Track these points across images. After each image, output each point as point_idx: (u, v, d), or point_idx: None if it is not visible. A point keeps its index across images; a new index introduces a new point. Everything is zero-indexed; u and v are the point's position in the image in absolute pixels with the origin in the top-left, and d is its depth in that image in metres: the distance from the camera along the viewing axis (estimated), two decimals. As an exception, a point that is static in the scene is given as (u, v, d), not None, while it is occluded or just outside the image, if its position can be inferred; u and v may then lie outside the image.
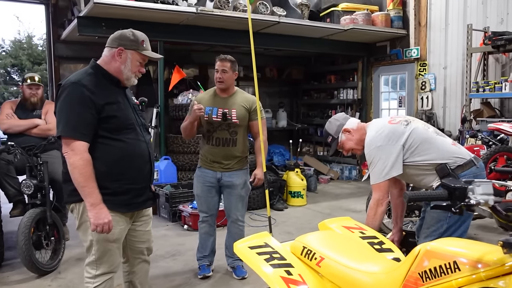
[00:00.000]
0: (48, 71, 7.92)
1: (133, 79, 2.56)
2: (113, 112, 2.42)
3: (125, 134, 2.47)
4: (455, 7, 7.19)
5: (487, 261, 1.51)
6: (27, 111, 4.62)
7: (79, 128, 2.32)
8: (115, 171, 2.44)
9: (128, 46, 2.48)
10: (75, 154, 2.30)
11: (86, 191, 2.32)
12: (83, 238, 2.52)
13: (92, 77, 2.44)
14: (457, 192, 1.41)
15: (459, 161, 2.52)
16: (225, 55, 3.71)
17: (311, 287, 1.98)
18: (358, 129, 2.78)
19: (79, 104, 2.33)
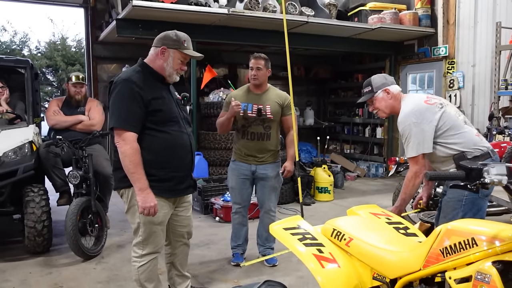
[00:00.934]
0: (86, 71, 8.31)
1: (175, 76, 2.79)
2: (159, 106, 2.67)
3: (170, 126, 2.71)
4: (484, 5, 7.21)
5: (503, 237, 1.67)
6: (72, 107, 4.94)
7: (129, 120, 2.58)
8: (161, 160, 2.69)
9: (170, 45, 2.72)
10: (125, 143, 2.56)
11: (135, 177, 2.57)
12: (131, 220, 2.78)
13: (140, 74, 2.70)
14: (473, 172, 1.58)
15: (476, 152, 2.65)
16: (258, 53, 3.93)
17: (341, 264, 2.17)
18: (396, 97, 2.88)
19: (129, 99, 2.59)
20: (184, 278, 3.18)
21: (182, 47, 2.74)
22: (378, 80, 2.94)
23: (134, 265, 2.82)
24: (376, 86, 2.92)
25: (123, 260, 4.26)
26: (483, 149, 2.68)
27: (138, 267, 2.79)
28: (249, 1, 6.56)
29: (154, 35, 6.84)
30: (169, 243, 3.06)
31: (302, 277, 3.73)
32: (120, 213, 6.05)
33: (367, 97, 2.96)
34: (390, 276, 2.07)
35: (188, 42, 2.78)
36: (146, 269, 2.79)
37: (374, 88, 2.92)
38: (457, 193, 2.62)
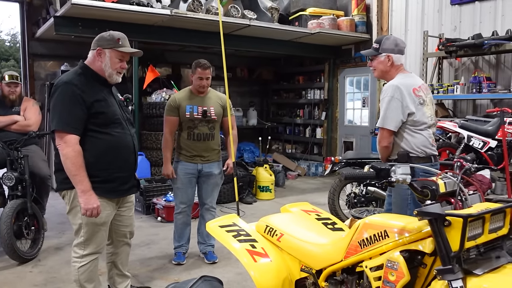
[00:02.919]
0: (22, 68, 7.99)
1: (115, 76, 2.81)
2: (101, 108, 2.70)
3: (112, 128, 2.75)
4: (414, 14, 7.72)
5: (409, 229, 1.90)
6: (6, 107, 4.77)
7: (71, 123, 2.59)
8: (103, 161, 2.73)
9: (105, 45, 2.75)
10: (67, 146, 2.58)
11: (77, 179, 2.60)
12: (73, 221, 2.79)
13: (82, 77, 2.72)
14: (382, 173, 1.79)
15: (421, 154, 2.92)
16: (203, 60, 4.01)
17: (272, 258, 2.34)
18: (396, 67, 3.02)
19: (71, 102, 2.61)
20: (124, 277, 3.22)
21: (117, 45, 2.76)
22: (388, 43, 3.02)
23: (74, 266, 2.82)
24: (383, 48, 3.01)
25: (61, 262, 4.21)
26: (428, 152, 2.94)
27: (79, 267, 2.80)
28: (192, 2, 6.63)
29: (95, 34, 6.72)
30: (111, 242, 3.09)
31: (241, 274, 3.88)
32: (58, 215, 5.92)
33: (369, 53, 3.09)
34: (316, 267, 2.26)
35: (123, 40, 2.80)
36: (86, 269, 2.81)
37: (380, 49, 3.02)
38: (401, 193, 2.87)
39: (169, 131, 4.03)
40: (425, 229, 1.85)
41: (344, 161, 5.25)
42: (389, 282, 1.86)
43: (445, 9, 7.22)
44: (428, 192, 1.82)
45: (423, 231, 1.85)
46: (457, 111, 7.15)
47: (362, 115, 8.85)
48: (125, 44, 2.81)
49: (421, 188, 1.81)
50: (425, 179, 1.86)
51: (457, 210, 1.85)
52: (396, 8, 8.02)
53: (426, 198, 1.81)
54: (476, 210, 1.76)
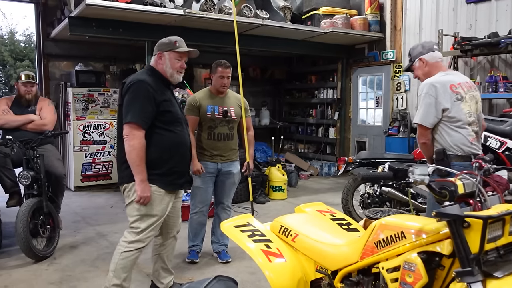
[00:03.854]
0: (37, 69, 8.10)
1: (176, 75, 3.03)
2: (168, 107, 2.94)
3: (175, 126, 2.98)
4: (428, 13, 7.64)
5: (427, 230, 1.87)
6: (22, 107, 4.84)
7: (141, 117, 2.80)
8: (166, 156, 2.93)
9: (164, 49, 3.02)
10: (135, 138, 2.77)
11: (139, 170, 2.79)
12: (131, 213, 2.94)
13: (152, 77, 2.95)
14: (399, 173, 1.77)
15: (459, 152, 2.92)
16: (223, 60, 4.10)
17: (287, 258, 2.33)
18: (432, 65, 3.08)
19: (144, 98, 2.82)
20: (168, 272, 3.36)
21: (175, 47, 3.01)
22: (415, 49, 3.15)
23: (119, 249, 2.95)
24: (414, 56, 3.13)
25: (76, 260, 4.25)
26: (467, 150, 2.94)
27: (122, 252, 2.92)
28: (205, 2, 6.64)
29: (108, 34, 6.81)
30: (160, 233, 3.22)
31: (255, 273, 3.87)
32: (73, 214, 5.99)
33: (408, 66, 3.20)
34: (331, 268, 2.24)
35: (180, 42, 3.05)
36: (128, 256, 2.93)
37: (412, 58, 3.14)
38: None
39: (190, 130, 4.05)
40: (443, 230, 1.82)
41: (357, 161, 5.21)
42: (407, 284, 1.84)
43: (460, 7, 7.13)
44: (447, 193, 1.79)
45: (441, 233, 1.83)
46: (473, 110, 7.06)
47: (376, 114, 8.79)
48: (181, 46, 3.05)
49: (439, 189, 1.78)
50: (443, 179, 1.83)
51: (476, 211, 1.82)
52: (410, 6, 7.94)
53: (444, 199, 1.78)
54: (496, 212, 1.73)
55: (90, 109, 7.62)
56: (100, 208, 6.39)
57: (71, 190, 7.56)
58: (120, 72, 8.66)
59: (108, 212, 6.19)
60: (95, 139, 7.67)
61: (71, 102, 7.52)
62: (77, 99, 7.52)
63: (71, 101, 7.54)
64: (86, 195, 7.29)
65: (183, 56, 3.05)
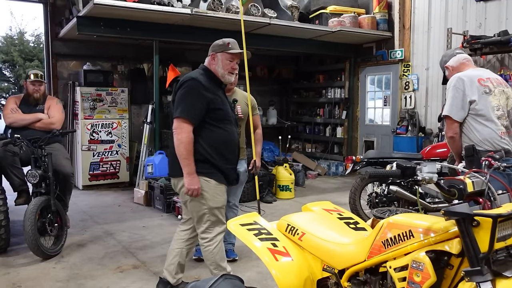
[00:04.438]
0: (45, 68, 8.14)
1: (227, 76, 3.12)
2: (219, 105, 3.03)
3: (225, 124, 3.07)
4: (437, 12, 7.58)
5: (435, 229, 1.85)
6: (31, 106, 4.87)
7: (190, 113, 2.91)
8: (217, 152, 3.03)
9: (217, 50, 3.10)
10: (183, 132, 2.88)
11: (186, 162, 2.90)
12: (194, 209, 3.06)
13: (204, 76, 3.06)
14: (407, 171, 1.75)
15: (489, 148, 2.91)
16: None
17: (294, 257, 2.32)
18: (458, 68, 3.18)
19: (194, 95, 2.94)
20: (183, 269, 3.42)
21: (227, 48, 3.08)
22: (441, 61, 3.31)
23: (208, 249, 3.09)
24: (442, 67, 3.29)
25: (84, 258, 4.27)
26: (497, 146, 2.93)
27: (213, 250, 3.08)
28: (212, 1, 6.64)
29: (116, 34, 6.81)
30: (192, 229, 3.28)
31: (261, 272, 3.86)
32: (81, 212, 6.02)
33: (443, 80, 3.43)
34: (338, 267, 2.22)
35: (233, 44, 3.12)
36: (219, 249, 3.11)
37: (442, 69, 3.29)
38: None
39: None
40: (452, 229, 1.79)
41: (365, 161, 5.18)
42: (414, 283, 1.82)
43: (469, 5, 7.06)
44: (455, 192, 1.77)
45: (450, 231, 1.80)
46: (482, 110, 6.99)
47: (383, 114, 8.74)
48: (234, 47, 3.11)
49: (448, 187, 1.76)
50: (452, 178, 1.81)
51: (486, 210, 1.79)
52: (418, 5, 7.89)
53: (453, 197, 1.76)
54: (506, 210, 1.70)
55: (98, 108, 7.66)
56: (107, 207, 6.42)
57: (79, 189, 7.59)
58: (127, 71, 8.70)
59: (116, 211, 6.21)
60: (103, 138, 7.71)
61: (79, 101, 7.56)
62: (85, 98, 7.56)
63: (79, 100, 7.58)
64: (93, 194, 7.33)
65: (234, 58, 3.13)
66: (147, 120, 7.20)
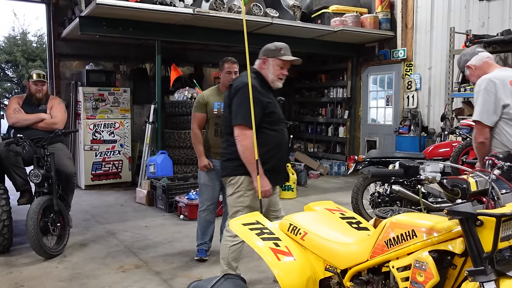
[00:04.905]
0: (48, 68, 8.16)
1: (277, 82, 3.12)
2: (273, 108, 3.06)
3: (278, 126, 3.11)
4: (440, 11, 7.56)
5: (438, 228, 1.84)
6: (33, 106, 4.86)
7: (250, 119, 2.92)
8: (270, 154, 3.05)
9: (269, 55, 3.08)
10: (246, 138, 2.93)
11: (254, 167, 2.94)
12: (232, 203, 3.10)
13: (257, 80, 3.06)
14: (410, 170, 1.74)
15: None
16: (228, 57, 4.09)
17: (296, 257, 2.30)
18: (481, 67, 3.00)
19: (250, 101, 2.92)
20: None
21: (279, 54, 3.05)
22: (460, 60, 3.11)
23: (226, 244, 3.12)
24: (461, 66, 3.11)
25: (86, 258, 4.27)
26: None
27: (230, 246, 3.10)
28: (215, 1, 6.63)
29: (118, 33, 6.80)
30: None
31: (264, 272, 3.85)
32: (83, 212, 6.03)
33: (462, 79, 3.20)
34: (341, 267, 2.21)
35: (285, 50, 3.08)
36: (236, 249, 3.12)
37: (461, 68, 3.12)
38: None
39: (197, 126, 4.09)
40: (455, 228, 1.78)
41: (367, 160, 5.17)
42: (417, 283, 1.81)
43: (472, 4, 7.04)
44: (459, 191, 1.76)
45: (453, 231, 1.79)
46: (485, 109, 6.96)
47: (386, 113, 8.72)
48: (286, 53, 3.07)
49: (451, 187, 1.75)
50: (456, 177, 1.80)
51: (489, 209, 1.78)
52: (421, 4, 7.87)
53: (456, 197, 1.75)
54: (510, 210, 1.69)
55: (100, 108, 7.67)
56: (110, 207, 6.42)
57: (82, 188, 7.61)
58: (130, 71, 8.71)
59: (118, 210, 6.22)
60: (105, 138, 7.72)
61: (82, 101, 7.57)
62: (88, 98, 7.57)
63: (81, 100, 7.59)
64: (96, 194, 7.34)
65: (285, 64, 3.08)
66: (149, 120, 7.21)
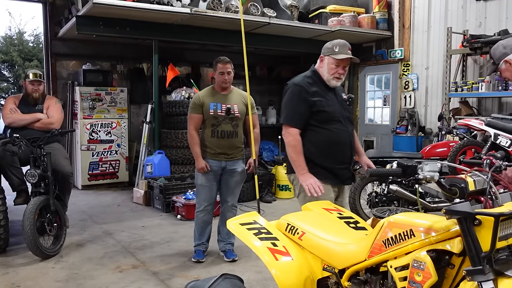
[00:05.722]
0: (45, 68, 8.13)
1: (333, 81, 3.04)
2: (323, 107, 3.01)
3: (331, 125, 3.03)
4: (437, 11, 7.56)
5: (436, 228, 1.83)
6: (29, 105, 4.84)
7: (293, 118, 3.01)
8: (323, 152, 3.04)
9: (325, 53, 3.04)
10: (289, 136, 2.99)
11: (297, 163, 2.99)
12: (300, 202, 3.08)
13: (309, 79, 3.05)
14: (409, 170, 1.73)
15: None
16: (223, 57, 4.08)
17: (294, 256, 2.30)
18: None
19: (296, 100, 3.00)
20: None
21: (334, 52, 2.98)
22: (497, 51, 2.88)
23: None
24: (497, 58, 2.88)
25: (83, 258, 4.25)
26: None
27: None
28: (212, 1, 6.62)
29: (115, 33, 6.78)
30: None
31: (261, 272, 3.85)
32: (80, 212, 6.00)
33: (492, 69, 2.97)
34: (339, 266, 2.21)
35: (341, 48, 2.98)
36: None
37: (496, 60, 2.88)
38: None
39: (194, 128, 4.07)
40: (453, 228, 1.78)
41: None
42: (415, 283, 1.80)
43: (469, 5, 7.05)
44: (457, 190, 1.75)
45: (451, 231, 1.78)
46: (482, 109, 6.98)
47: (383, 113, 8.72)
48: (341, 51, 2.97)
49: (449, 186, 1.74)
50: (454, 176, 1.79)
51: (488, 208, 1.77)
52: (418, 4, 7.87)
53: (454, 196, 1.75)
54: (508, 209, 1.68)
55: (97, 108, 7.65)
56: (107, 207, 6.40)
57: (78, 188, 7.58)
58: (127, 71, 8.68)
59: (115, 210, 6.20)
60: (102, 138, 7.70)
61: (78, 101, 7.55)
62: (84, 98, 7.55)
63: (78, 100, 7.56)
64: (93, 194, 7.31)
65: (340, 63, 2.99)
66: (146, 119, 7.19)
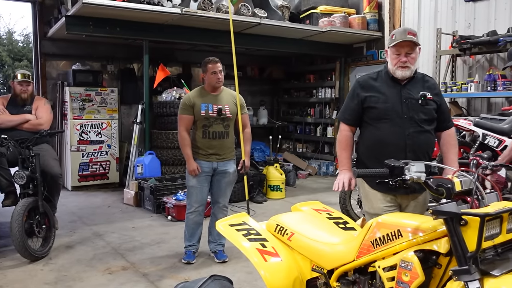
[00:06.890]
0: (34, 68, 8.05)
1: (399, 72, 2.73)
2: (374, 104, 2.81)
3: (381, 123, 2.78)
4: (427, 12, 7.61)
5: (424, 228, 1.85)
6: (18, 106, 4.78)
7: (344, 113, 2.94)
8: (370, 153, 2.86)
9: (388, 44, 2.86)
10: (340, 132, 2.95)
11: (339, 159, 2.93)
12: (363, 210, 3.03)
13: (375, 74, 2.92)
14: (396, 170, 1.74)
15: None
16: (211, 57, 4.06)
17: (283, 257, 2.30)
18: None
19: (350, 96, 2.94)
20: None
21: (391, 41, 2.77)
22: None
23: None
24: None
25: (72, 260, 4.22)
26: None
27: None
28: (203, 1, 6.60)
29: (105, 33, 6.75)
30: None
31: (251, 273, 3.84)
32: (69, 214, 5.96)
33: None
34: (328, 267, 2.22)
35: (397, 35, 2.73)
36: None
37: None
38: None
39: (185, 129, 4.04)
40: (440, 228, 1.79)
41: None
42: (403, 283, 1.82)
43: (458, 6, 7.10)
44: (443, 191, 1.76)
45: (438, 231, 1.80)
46: (471, 109, 7.03)
47: (374, 114, 8.75)
48: (398, 38, 2.70)
49: (436, 187, 1.75)
50: (440, 177, 1.80)
51: (474, 209, 1.79)
52: (408, 5, 7.91)
53: (441, 196, 1.76)
54: (494, 209, 1.70)
55: (87, 109, 7.59)
56: (97, 208, 6.36)
57: (68, 189, 7.52)
58: (117, 71, 8.63)
59: (105, 212, 6.16)
60: (92, 138, 7.64)
61: (68, 102, 7.49)
62: (74, 98, 7.49)
63: (68, 101, 7.51)
64: (83, 195, 7.26)
65: (401, 50, 2.69)
66: (137, 120, 7.15)
